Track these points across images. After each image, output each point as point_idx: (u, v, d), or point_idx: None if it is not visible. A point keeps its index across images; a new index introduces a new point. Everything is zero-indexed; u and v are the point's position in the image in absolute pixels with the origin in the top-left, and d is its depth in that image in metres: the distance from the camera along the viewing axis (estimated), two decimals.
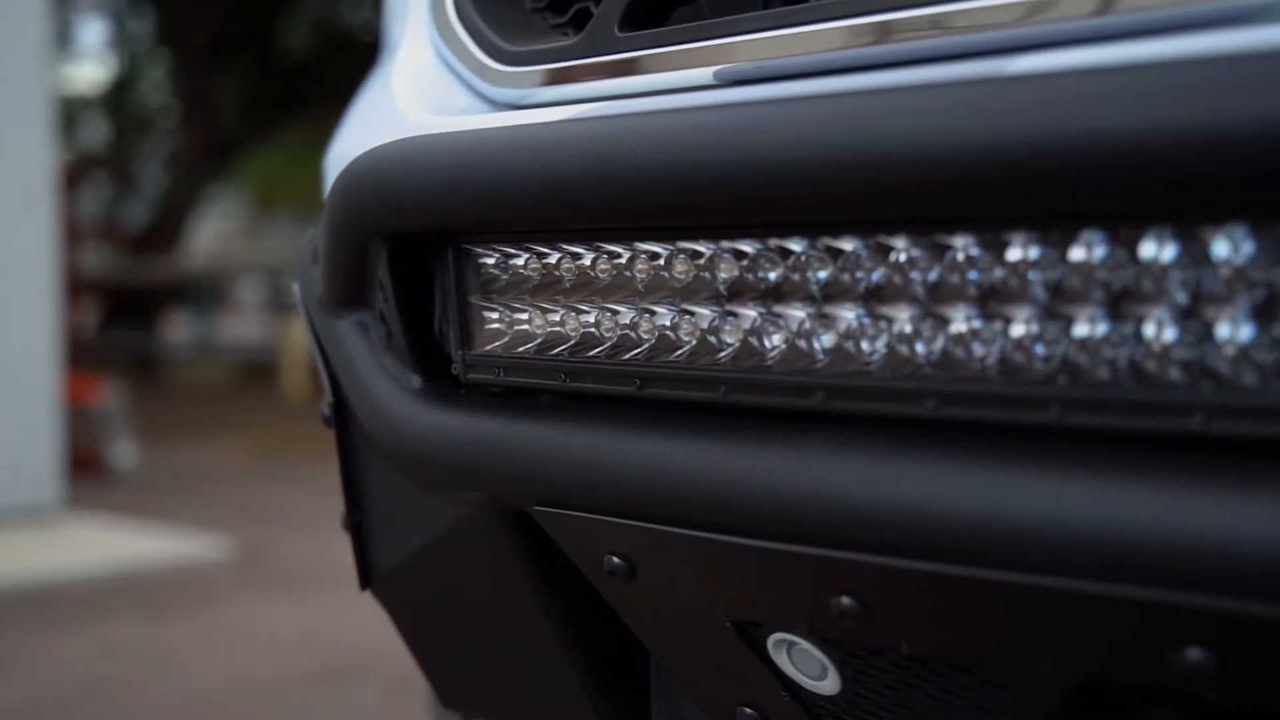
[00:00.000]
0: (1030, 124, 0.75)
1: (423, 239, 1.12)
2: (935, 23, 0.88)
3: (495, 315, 1.09)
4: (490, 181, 1.00)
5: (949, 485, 0.79)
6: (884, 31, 0.90)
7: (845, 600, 0.87)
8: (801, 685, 0.98)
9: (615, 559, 1.00)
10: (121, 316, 15.52)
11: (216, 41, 15.95)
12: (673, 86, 1.02)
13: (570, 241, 1.04)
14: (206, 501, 7.48)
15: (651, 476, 0.94)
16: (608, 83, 1.07)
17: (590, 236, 1.02)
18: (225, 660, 4.35)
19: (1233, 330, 0.73)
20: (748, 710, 1.03)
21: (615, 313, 1.01)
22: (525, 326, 1.08)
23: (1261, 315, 0.72)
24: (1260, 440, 0.72)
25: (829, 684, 0.96)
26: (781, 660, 0.97)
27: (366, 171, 1.09)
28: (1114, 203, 0.75)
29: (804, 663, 0.96)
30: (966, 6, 0.86)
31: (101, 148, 19.43)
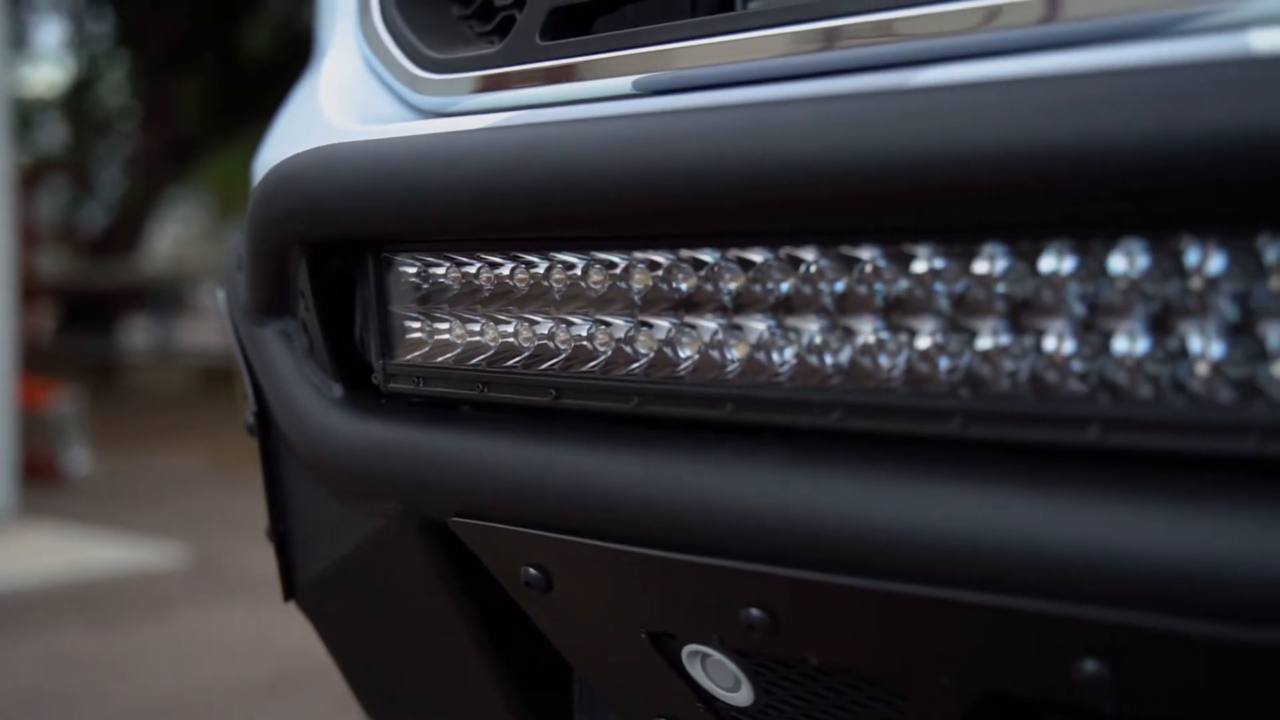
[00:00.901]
0: (932, 136, 0.75)
1: (343, 247, 1.11)
2: (851, 34, 0.88)
3: (416, 325, 1.09)
4: (404, 190, 0.99)
5: (850, 497, 0.80)
6: (800, 42, 0.90)
7: (754, 612, 0.87)
8: (716, 696, 0.98)
9: (532, 570, 1.00)
10: (79, 321, 15.38)
11: (177, 43, 15.83)
12: (593, 95, 1.02)
13: (489, 251, 1.03)
14: (163, 509, 7.41)
15: (565, 488, 0.94)
16: (529, 91, 1.06)
17: (508, 247, 1.02)
18: (179, 669, 4.31)
19: (1130, 344, 0.74)
20: None
21: (533, 323, 1.01)
22: (445, 336, 1.07)
23: (1157, 329, 0.73)
24: (1153, 453, 0.72)
25: (742, 695, 0.96)
26: (696, 671, 0.97)
27: (285, 179, 1.09)
28: (1012, 215, 0.75)
29: (717, 674, 0.96)
30: (878, 19, 0.87)
31: (59, 150, 19.26)
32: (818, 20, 0.89)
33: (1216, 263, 0.70)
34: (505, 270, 1.03)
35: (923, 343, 0.81)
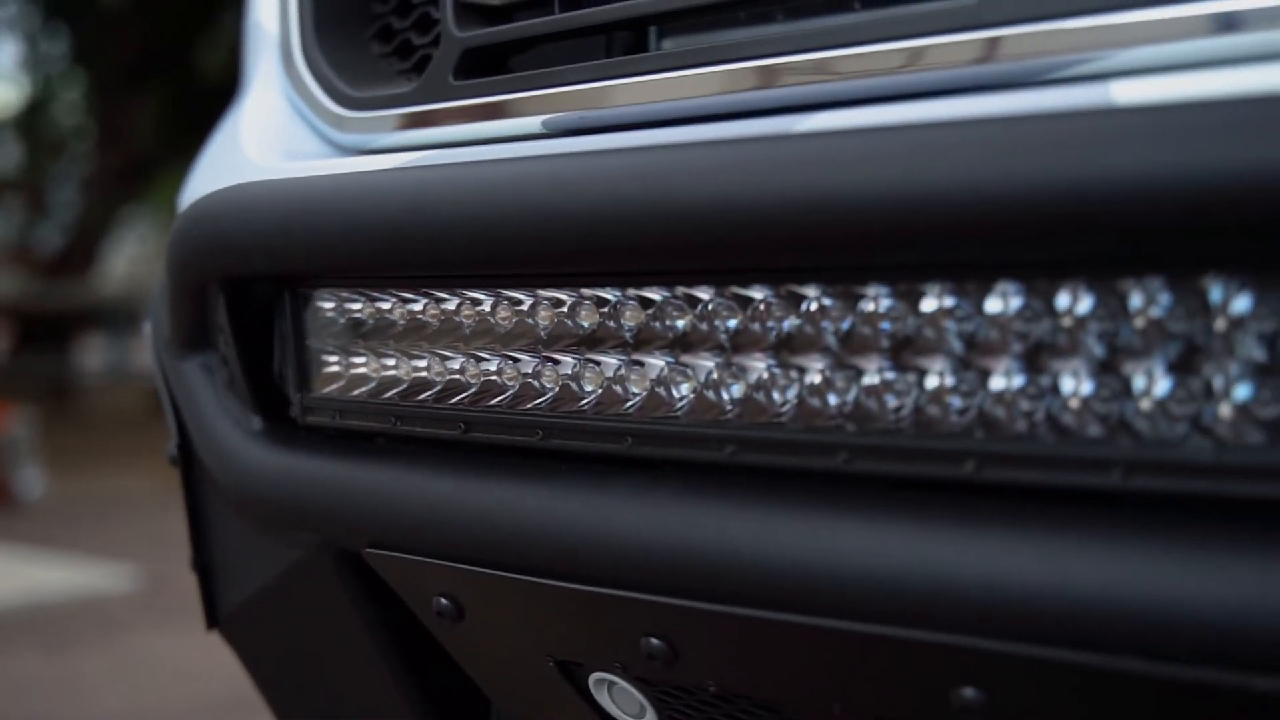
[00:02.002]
0: (807, 181, 0.78)
1: (260, 283, 1.13)
2: (755, 78, 0.91)
3: (332, 359, 1.11)
4: (317, 228, 1.01)
5: (740, 530, 0.82)
6: (706, 85, 0.93)
7: (653, 641, 0.89)
8: None
9: (443, 600, 1.02)
10: (34, 342, 15.25)
11: (133, 63, 15.75)
12: (504, 135, 1.04)
13: (402, 288, 1.05)
14: (115, 531, 7.36)
15: (473, 520, 0.96)
16: (443, 130, 1.08)
17: (420, 284, 1.04)
18: (129, 691, 4.29)
19: (1006, 381, 0.77)
20: None
21: (444, 358, 1.03)
22: (361, 370, 1.09)
23: (1032, 367, 0.76)
24: (1023, 487, 0.75)
25: None
26: (603, 699, 0.99)
27: (203, 216, 1.10)
28: (889, 257, 0.78)
29: (624, 701, 0.99)
30: (779, 63, 0.89)
31: (14, 170, 19.11)
32: (725, 63, 0.92)
33: (1085, 304, 0.73)
34: (418, 306, 1.05)
35: (812, 379, 0.84)
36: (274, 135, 1.25)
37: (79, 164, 18.23)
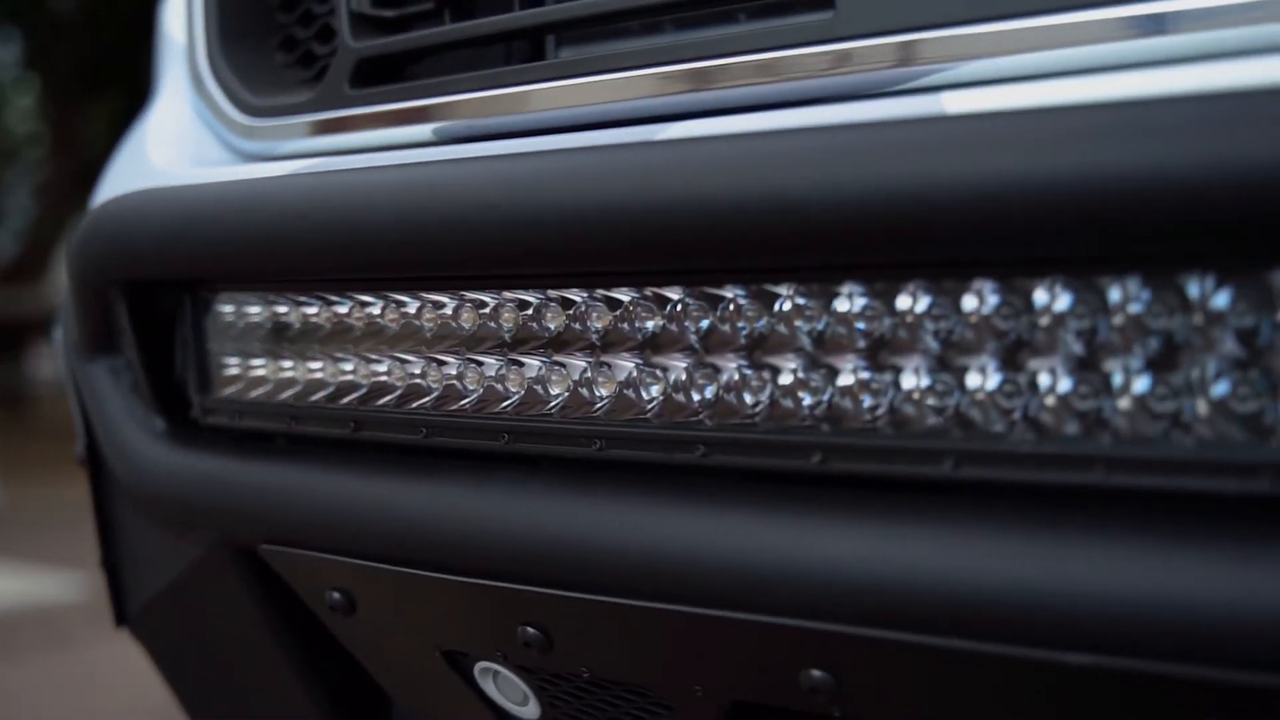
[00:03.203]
0: (681, 187, 0.81)
1: (161, 287, 1.15)
2: (637, 87, 0.94)
3: (232, 362, 1.13)
4: (212, 233, 1.04)
5: (604, 522, 0.86)
6: (586, 93, 0.96)
7: (529, 630, 0.92)
8: (508, 711, 1.03)
9: (336, 594, 1.05)
10: None
11: (87, 68, 15.63)
12: (397, 143, 1.07)
13: (297, 293, 1.08)
14: (66, 540, 7.29)
15: (361, 515, 0.99)
16: (340, 137, 1.11)
17: (313, 288, 1.06)
18: (78, 701, 4.28)
19: (851, 376, 0.80)
20: None
21: (337, 360, 1.06)
22: (259, 373, 1.12)
23: (875, 364, 0.80)
24: (864, 477, 0.79)
25: (531, 709, 1.02)
26: (489, 687, 1.03)
27: (104, 221, 1.13)
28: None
29: (508, 689, 1.02)
30: (659, 72, 0.93)
31: None
32: (600, 74, 0.95)
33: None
34: (312, 310, 1.08)
35: (676, 376, 0.87)
36: (181, 142, 1.27)
37: (32, 171, 18.08)
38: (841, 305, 0.81)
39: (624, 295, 0.89)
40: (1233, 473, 0.67)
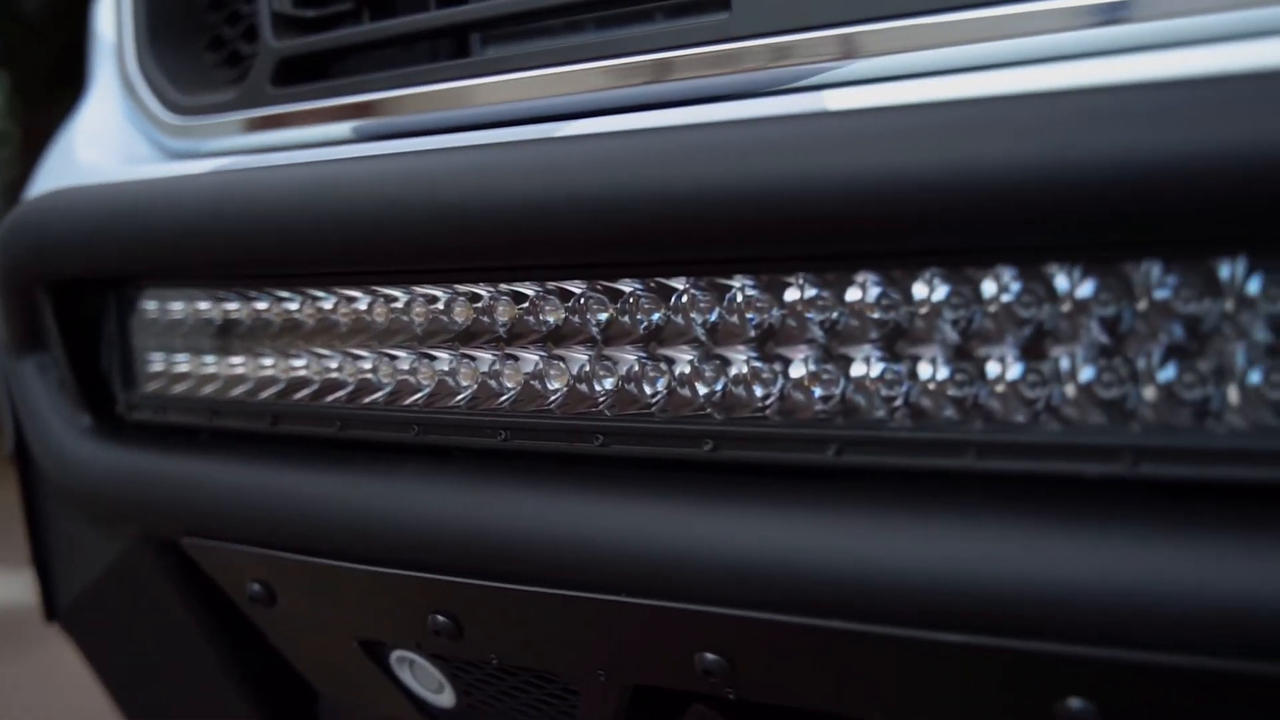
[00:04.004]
0: (571, 184, 0.83)
1: (86, 285, 1.16)
2: (552, 84, 0.96)
3: (155, 358, 1.15)
4: (128, 231, 1.05)
5: (508, 510, 0.87)
6: (497, 93, 0.98)
7: (440, 618, 0.94)
8: (425, 700, 1.05)
9: (256, 585, 1.06)
10: None
11: (56, 67, 15.54)
12: (318, 141, 1.09)
13: (218, 289, 1.10)
14: (20, 541, 7.28)
15: (278, 507, 1.01)
16: (262, 136, 1.13)
17: (232, 285, 1.08)
18: (37, 705, 4.27)
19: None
20: None
21: (257, 355, 1.08)
22: (182, 369, 1.13)
23: (764, 354, 0.82)
24: (749, 464, 0.81)
25: (446, 697, 1.03)
26: (405, 676, 1.04)
27: (28, 219, 1.14)
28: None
29: (424, 678, 1.04)
30: (569, 70, 0.95)
31: None
32: (515, 71, 0.97)
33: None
34: (233, 306, 1.09)
35: (577, 369, 0.89)
36: (110, 140, 1.29)
37: (2, 170, 17.97)
38: (737, 298, 0.83)
39: (528, 290, 0.90)
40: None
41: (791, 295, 0.80)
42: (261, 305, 1.07)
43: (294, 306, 1.04)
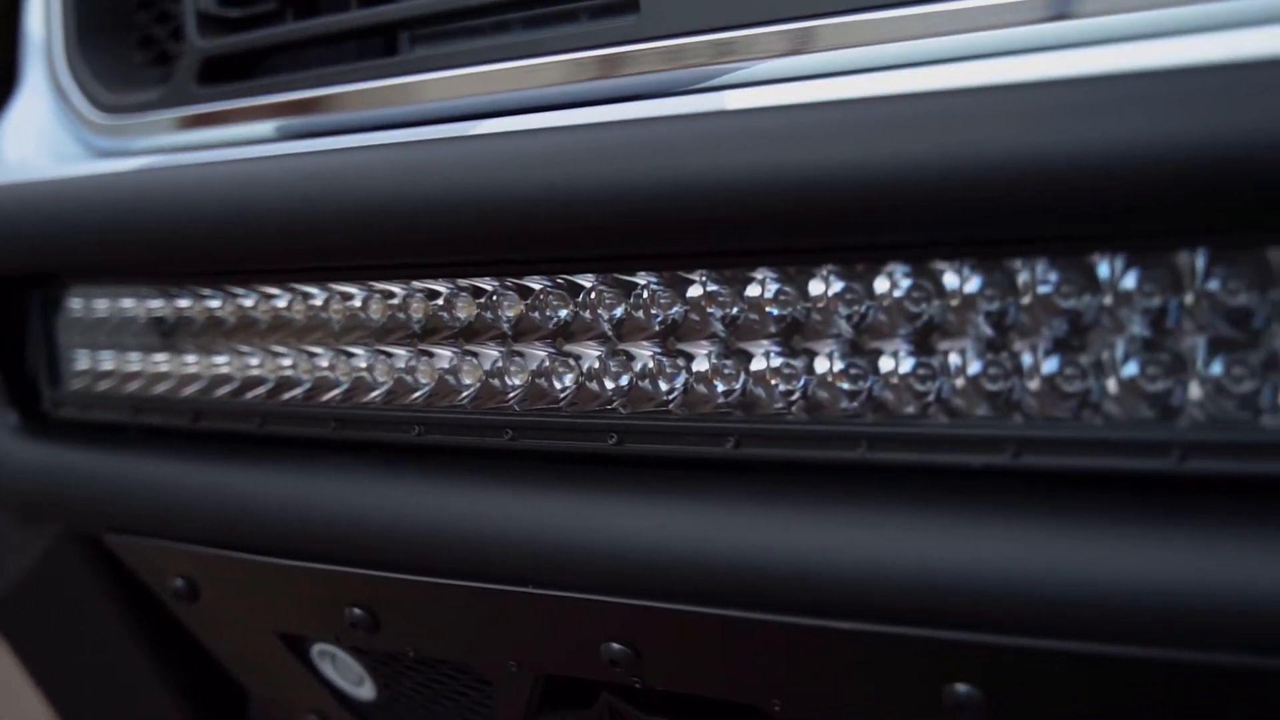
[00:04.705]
0: (484, 181, 0.84)
1: (11, 282, 1.17)
2: (469, 84, 0.97)
3: (80, 356, 1.15)
4: (54, 229, 1.06)
5: (417, 504, 0.89)
6: (413, 93, 0.99)
7: (356, 611, 0.95)
8: (346, 693, 1.06)
9: (179, 581, 1.07)
10: None
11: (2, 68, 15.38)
12: (241, 139, 1.09)
13: (144, 287, 1.10)
14: None
15: (199, 503, 1.02)
16: (187, 134, 1.13)
17: (159, 283, 1.09)
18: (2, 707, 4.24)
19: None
20: (312, 716, 1.11)
21: (179, 352, 1.08)
22: (107, 366, 1.14)
23: (667, 349, 0.83)
24: (651, 458, 0.83)
25: (367, 690, 1.05)
26: (327, 670, 1.05)
27: None
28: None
29: (345, 671, 1.05)
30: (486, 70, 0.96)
31: None
32: (430, 71, 0.98)
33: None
34: (158, 304, 1.10)
35: (490, 364, 0.91)
36: (39, 138, 1.29)
37: None
38: (643, 294, 0.84)
39: (440, 287, 0.92)
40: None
41: (694, 291, 0.82)
42: (184, 302, 1.08)
43: (217, 304, 1.05)
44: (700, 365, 0.82)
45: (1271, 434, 0.66)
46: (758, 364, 0.80)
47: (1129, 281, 0.69)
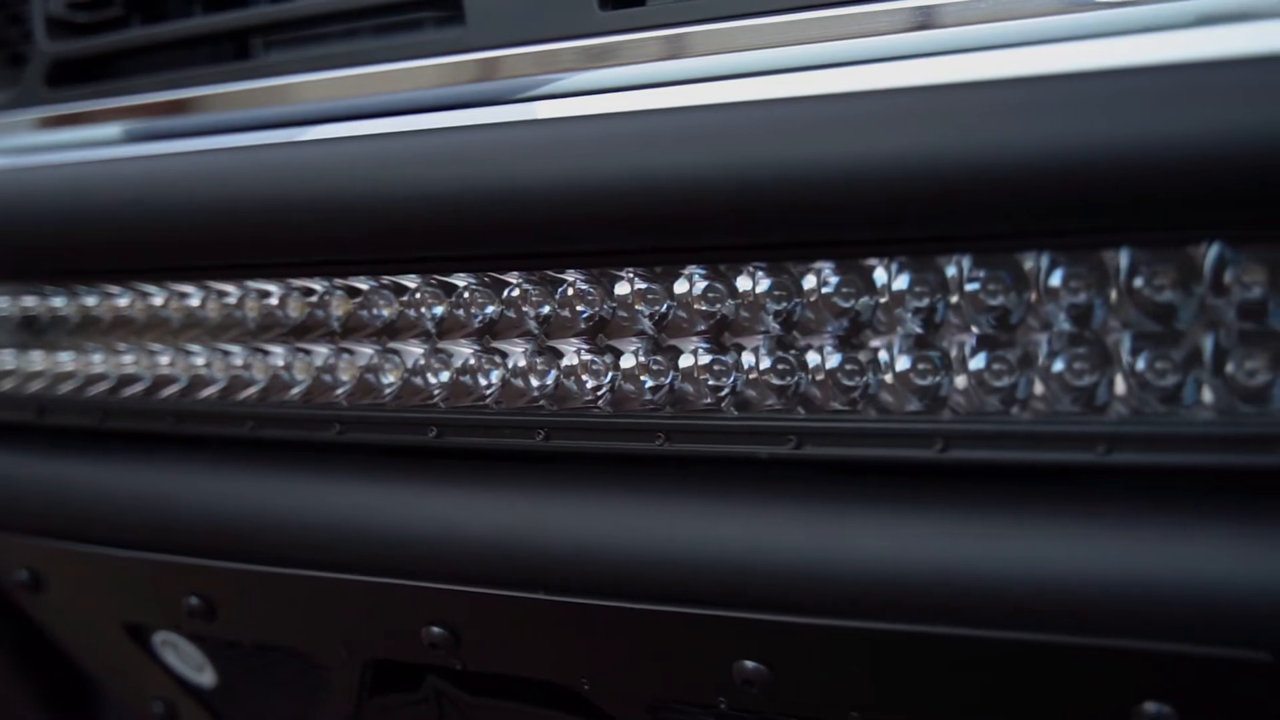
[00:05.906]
0: (323, 183, 0.88)
1: None
2: (307, 91, 1.00)
3: None
4: None
5: (247, 495, 0.92)
6: (254, 98, 1.02)
7: (193, 600, 0.98)
8: (188, 680, 1.09)
9: (24, 572, 1.09)
10: None
11: None
12: (89, 141, 1.12)
13: (30, 284, 1.11)
14: None
15: (41, 495, 1.04)
16: (36, 136, 1.15)
17: (42, 281, 1.10)
18: None
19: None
20: (158, 703, 1.14)
21: (23, 350, 1.10)
22: None
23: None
24: (472, 451, 0.87)
25: (208, 677, 1.08)
26: (169, 657, 1.08)
27: None
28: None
29: (187, 658, 1.08)
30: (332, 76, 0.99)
31: None
32: (268, 78, 1.01)
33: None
34: (28, 302, 1.11)
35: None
36: None
37: None
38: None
39: (272, 287, 0.95)
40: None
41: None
42: (30, 302, 1.10)
43: (91, 301, 1.07)
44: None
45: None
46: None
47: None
